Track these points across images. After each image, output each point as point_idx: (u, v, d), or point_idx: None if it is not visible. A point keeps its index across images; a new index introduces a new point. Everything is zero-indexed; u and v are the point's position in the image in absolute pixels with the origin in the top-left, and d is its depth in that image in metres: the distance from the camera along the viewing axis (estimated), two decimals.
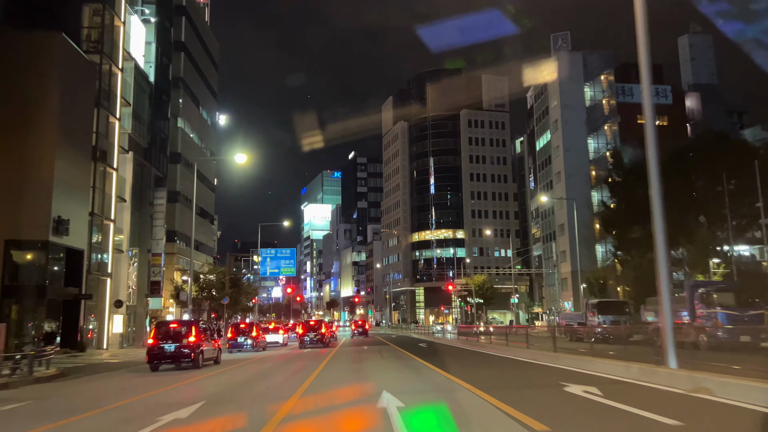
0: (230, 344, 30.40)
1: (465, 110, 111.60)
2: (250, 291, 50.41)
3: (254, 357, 27.08)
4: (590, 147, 64.84)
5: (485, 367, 17.55)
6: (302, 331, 32.82)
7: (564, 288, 65.05)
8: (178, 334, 21.50)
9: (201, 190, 56.12)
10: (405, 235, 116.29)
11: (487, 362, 19.75)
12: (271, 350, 33.29)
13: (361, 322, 55.48)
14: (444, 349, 27.16)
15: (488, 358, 21.27)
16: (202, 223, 54.82)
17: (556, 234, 66.10)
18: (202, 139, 56.67)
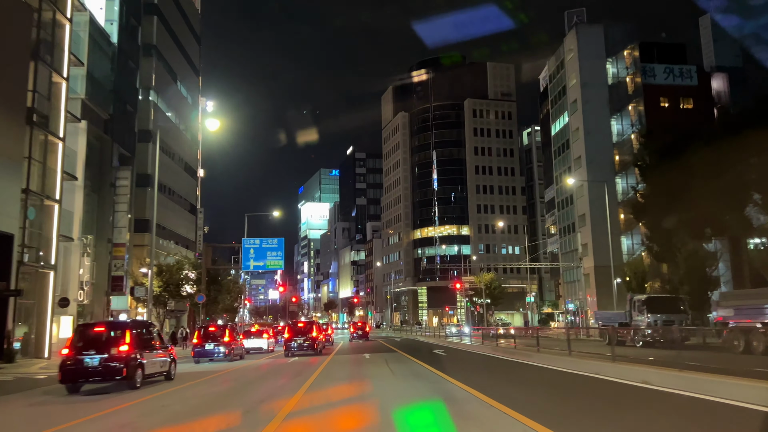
0: (196, 352, 24.13)
1: (469, 99, 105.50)
2: (234, 289, 44.17)
3: (223, 369, 20.83)
4: (613, 129, 58.63)
5: (562, 394, 11.32)
6: (288, 335, 26.56)
7: (587, 284, 58.77)
8: (105, 341, 15.34)
9: (181, 178, 49.84)
10: (406, 232, 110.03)
11: (551, 382, 13.53)
12: (251, 358, 27.05)
13: (361, 323, 49.24)
14: (471, 359, 20.97)
15: (545, 375, 15.03)
16: (180, 213, 48.53)
17: (575, 226, 59.83)
18: (181, 119, 50.40)
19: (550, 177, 70.61)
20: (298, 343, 26.36)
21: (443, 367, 17.06)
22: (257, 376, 18.13)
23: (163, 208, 44.47)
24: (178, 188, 48.69)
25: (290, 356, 26.48)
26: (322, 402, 11.18)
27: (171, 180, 46.47)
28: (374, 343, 39.28)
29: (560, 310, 68.26)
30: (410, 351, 26.44)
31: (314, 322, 27.43)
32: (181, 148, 49.97)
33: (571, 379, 13.74)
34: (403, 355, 23.79)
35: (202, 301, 34.82)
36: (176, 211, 47.64)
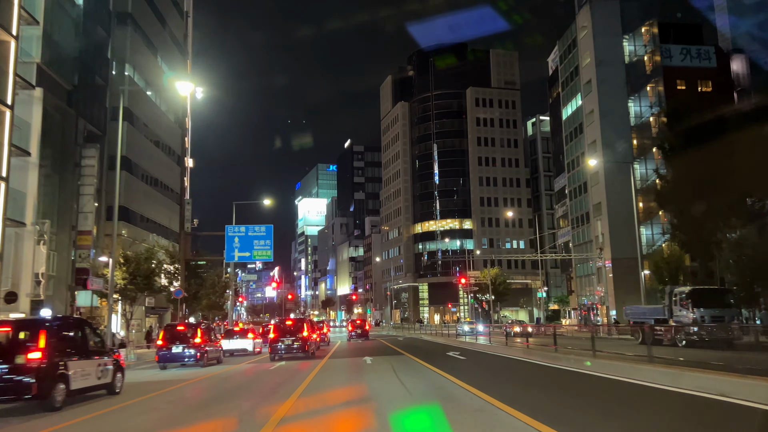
0: (160, 356, 19.95)
1: (471, 88, 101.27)
2: (219, 284, 39.91)
3: (188, 378, 16.70)
4: (631, 111, 54.50)
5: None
6: (274, 335, 22.35)
7: (602, 278, 54.66)
8: (9, 346, 11.38)
9: (164, 164, 45.62)
10: (407, 227, 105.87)
11: (639, 401, 9.37)
12: (231, 362, 22.91)
13: (360, 321, 45.10)
14: (503, 366, 16.82)
15: (620, 389, 10.87)
16: (162, 201, 44.29)
17: (590, 216, 55.70)
18: (164, 100, 46.11)
19: (560, 165, 66.46)
20: (285, 345, 22.20)
21: (472, 378, 12.88)
22: (223, 390, 13.94)
23: (142, 195, 40.28)
24: (160, 175, 44.46)
25: (276, 360, 22.33)
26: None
27: (151, 165, 42.25)
28: (375, 343, 35.14)
29: (572, 306, 64.13)
30: (420, 353, 22.25)
31: (305, 319, 23.26)
32: (163, 131, 45.71)
33: (648, 393, 9.56)
34: (412, 359, 19.61)
35: (179, 296, 30.62)
36: (157, 200, 43.42)
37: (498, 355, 19.90)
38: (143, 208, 40.22)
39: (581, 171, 58.56)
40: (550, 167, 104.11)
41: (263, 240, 32.15)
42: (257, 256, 32.18)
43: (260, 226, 32.40)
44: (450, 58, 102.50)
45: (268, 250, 32.19)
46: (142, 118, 40.84)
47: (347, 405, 10.59)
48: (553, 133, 72.36)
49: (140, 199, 39.65)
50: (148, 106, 42.42)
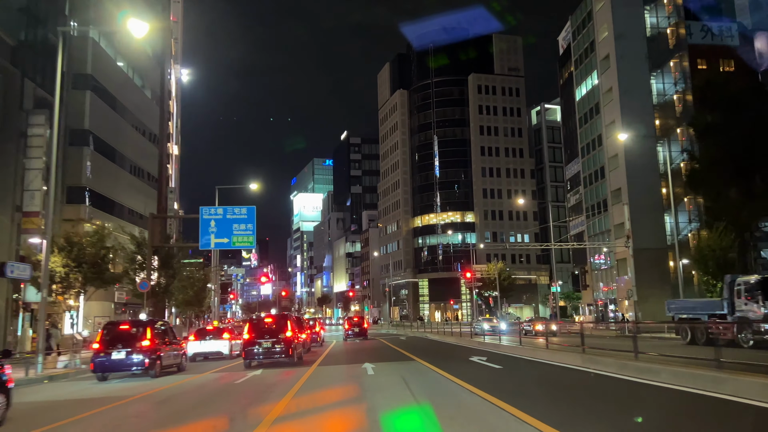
0: (96, 364, 15.22)
1: (474, 74, 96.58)
2: (197, 278, 34.98)
3: (122, 396, 12.04)
4: (653, 89, 49.88)
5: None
6: (249, 335, 17.60)
7: (621, 271, 50.09)
8: None
9: (138, 143, 40.78)
10: (406, 220, 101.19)
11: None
12: (197, 369, 18.26)
13: (357, 319, 40.46)
14: (559, 378, 12.05)
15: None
16: (134, 184, 39.45)
17: (608, 203, 51.07)
18: (137, 72, 41.24)
19: (573, 150, 61.80)
20: (263, 348, 17.48)
21: (532, 401, 8.17)
22: (153, 420, 9.24)
23: (109, 176, 35.48)
24: (133, 156, 39.67)
25: (252, 367, 17.64)
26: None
27: (120, 143, 37.44)
28: (375, 344, 30.47)
29: (585, 302, 59.54)
30: (435, 359, 17.54)
31: (288, 315, 18.52)
32: (137, 107, 40.87)
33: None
34: (428, 367, 14.88)
35: (145, 289, 25.87)
36: (130, 183, 38.64)
37: (539, 361, 15.19)
38: (111, 190, 35.45)
39: (597, 155, 53.93)
40: (555, 158, 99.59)
41: (244, 224, 27.39)
42: (238, 242, 27.41)
43: (240, 208, 27.63)
44: (451, 44, 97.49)
45: (249, 236, 27.41)
46: (111, 89, 36.01)
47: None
48: (564, 117, 67.69)
49: (107, 180, 34.87)
50: (117, 76, 37.59)
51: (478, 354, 18.08)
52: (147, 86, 43.88)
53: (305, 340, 24.72)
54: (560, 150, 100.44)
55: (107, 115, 35.32)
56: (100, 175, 34.36)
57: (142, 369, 15.34)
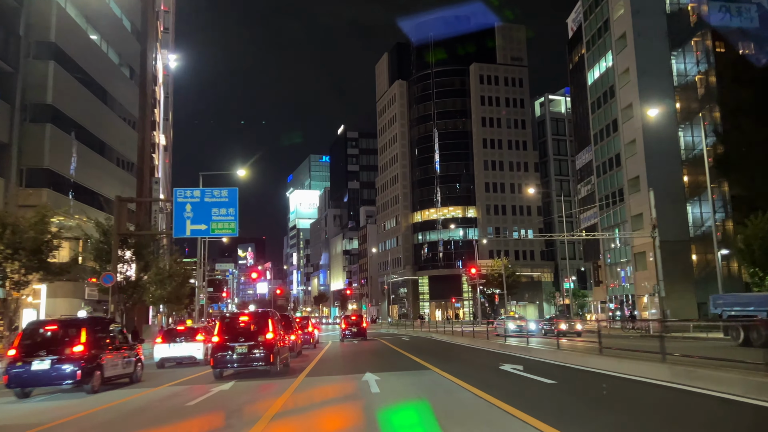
0: (11, 376, 11.53)
1: (475, 64, 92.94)
2: (175, 272, 31.09)
3: (32, 421, 8.35)
4: (673, 69, 46.30)
5: None
6: (218, 339, 13.90)
7: (639, 265, 46.56)
8: None
9: (111, 124, 36.97)
10: (405, 216, 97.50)
11: None
12: (157, 380, 14.65)
13: (355, 317, 36.82)
14: (638, 397, 8.35)
15: None
16: (106, 168, 35.67)
17: (624, 192, 47.46)
18: (113, 47, 37.44)
19: (583, 138, 58.17)
20: (238, 354, 13.80)
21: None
22: None
23: (78, 159, 31.71)
24: (108, 139, 35.90)
25: (222, 378, 13.99)
26: None
27: (93, 122, 33.66)
28: (377, 346, 26.84)
29: (597, 299, 55.95)
30: (456, 366, 13.88)
31: (270, 313, 14.66)
32: (114, 86, 37.06)
33: None
34: (453, 381, 11.17)
35: (109, 283, 22.20)
36: (103, 168, 34.86)
37: (600, 372, 11.48)
38: (81, 176, 31.68)
39: (612, 142, 50.33)
40: (560, 150, 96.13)
41: (225, 208, 23.71)
42: (217, 229, 23.70)
43: (220, 190, 23.93)
44: (452, 31, 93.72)
45: (231, 222, 23.72)
46: (80, 61, 32.24)
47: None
48: (573, 103, 64.04)
49: (77, 164, 31.10)
50: (87, 48, 33.80)
51: (510, 361, 14.39)
52: (125, 65, 40.10)
53: (295, 342, 21.08)
54: (565, 142, 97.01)
55: (76, 91, 31.56)
56: (66, 157, 30.60)
57: (72, 382, 11.66)
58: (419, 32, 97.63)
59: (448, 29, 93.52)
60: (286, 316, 21.88)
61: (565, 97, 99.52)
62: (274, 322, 14.51)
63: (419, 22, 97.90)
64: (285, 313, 25.17)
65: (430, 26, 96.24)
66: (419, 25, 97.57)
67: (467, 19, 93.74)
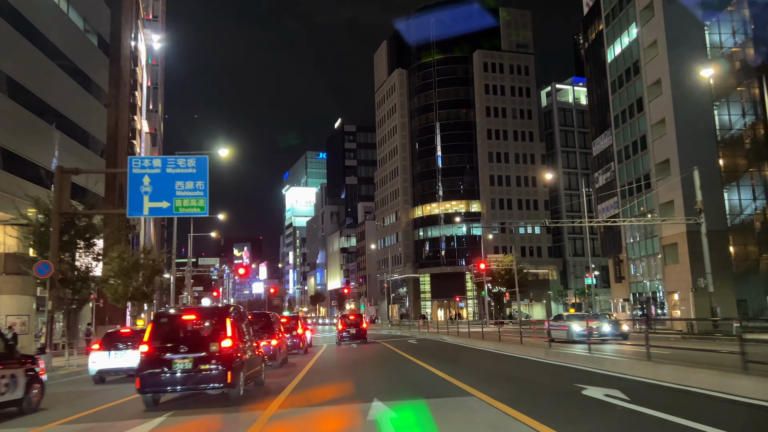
0: None
1: (479, 51, 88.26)
2: (143, 264, 26.04)
3: None
4: (706, 40, 41.66)
5: None
6: (149, 348, 9.19)
7: (669, 258, 41.92)
8: None
9: (70, 93, 32.14)
10: (405, 211, 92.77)
11: None
12: (61, 409, 9.84)
13: (354, 317, 32.13)
14: None
15: None
16: (66, 145, 30.86)
17: (651, 178, 42.80)
18: (74, 7, 32.59)
19: (601, 121, 53.50)
20: (180, 372, 9.05)
21: None
22: None
23: (21, 128, 26.94)
24: (69, 111, 31.13)
25: (156, 406, 9.29)
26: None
27: (45, 88, 28.88)
28: (381, 351, 22.15)
29: (619, 297, 51.29)
30: (514, 391, 9.18)
31: (228, 309, 9.84)
32: (75, 52, 32.22)
33: None
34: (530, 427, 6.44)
35: (44, 274, 17.52)
36: (60, 145, 30.03)
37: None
38: (24, 147, 26.88)
39: (637, 123, 45.68)
40: (568, 142, 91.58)
41: (192, 181, 18.99)
42: (183, 208, 18.96)
43: (186, 158, 19.18)
44: (454, 17, 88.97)
45: (200, 198, 18.98)
46: (27, 14, 27.44)
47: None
48: (590, 85, 59.31)
49: (17, 131, 26.33)
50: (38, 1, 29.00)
51: (593, 381, 9.68)
52: (92, 32, 35.29)
53: (277, 348, 16.35)
54: (573, 134, 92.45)
55: (21, 48, 26.76)
56: (11, 127, 25.83)
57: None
58: (420, 22, 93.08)
59: (451, 16, 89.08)
60: (265, 315, 17.18)
61: (573, 87, 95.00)
62: (236, 323, 9.77)
63: (420, 11, 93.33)
64: (265, 311, 20.39)
65: (432, 13, 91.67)
66: (420, 13, 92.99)
67: (470, 7, 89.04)
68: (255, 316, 16.89)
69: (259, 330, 16.20)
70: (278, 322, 18.60)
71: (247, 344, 10.34)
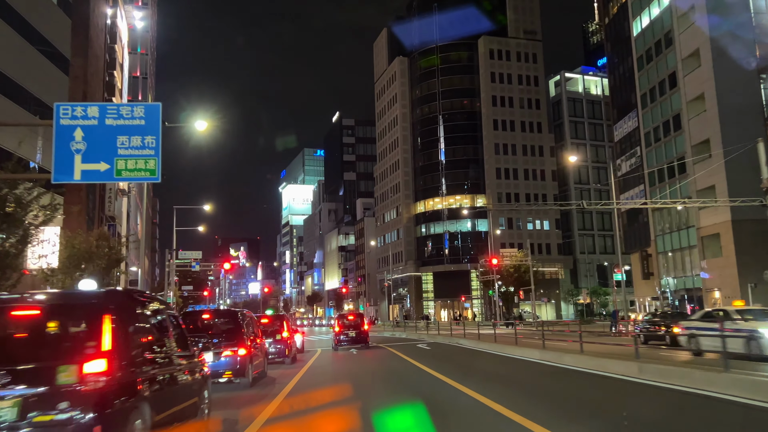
0: None
1: (485, 37, 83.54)
2: (95, 251, 20.82)
3: None
4: (750, 5, 37.00)
5: None
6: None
7: (709, 251, 37.20)
8: None
9: (22, 51, 27.34)
10: (407, 206, 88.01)
11: None
12: None
13: (353, 317, 27.37)
14: None
15: None
16: (10, 112, 26.00)
17: (686, 159, 38.06)
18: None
19: (624, 103, 48.79)
20: None
21: None
22: None
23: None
24: (23, 78, 26.35)
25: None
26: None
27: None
28: (390, 361, 17.39)
29: (644, 296, 46.54)
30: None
31: (101, 301, 5.18)
32: (26, 2, 27.45)
33: None
34: None
35: None
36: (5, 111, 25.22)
37: None
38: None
39: (669, 101, 40.99)
40: (578, 134, 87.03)
41: (139, 136, 14.17)
42: (127, 171, 14.16)
43: (130, 106, 14.42)
44: (459, 2, 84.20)
45: (150, 159, 14.19)
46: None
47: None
48: (611, 64, 54.59)
49: None
50: None
51: None
52: None
53: (245, 361, 11.52)
54: (583, 125, 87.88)
55: None
56: None
57: None
58: (423, 6, 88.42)
59: (455, 0, 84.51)
60: (232, 315, 12.39)
61: (583, 76, 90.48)
62: (119, 327, 4.91)
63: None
64: (233, 309, 15.57)
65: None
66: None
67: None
68: (215, 315, 12.19)
69: (222, 336, 11.47)
70: (254, 323, 13.79)
71: (160, 362, 5.56)
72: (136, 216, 65.16)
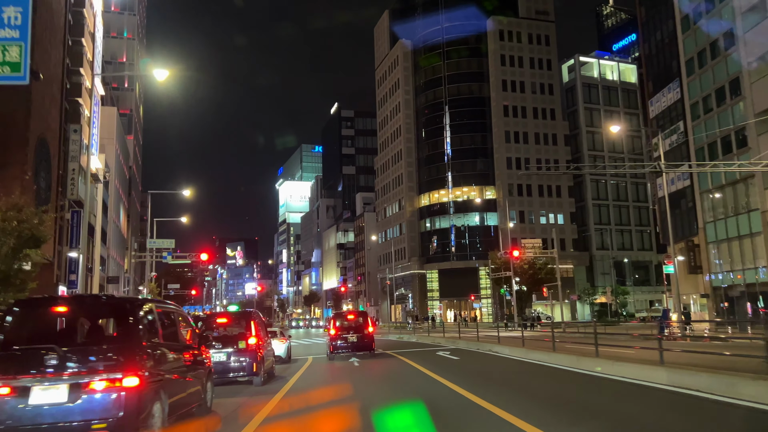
0: None
1: (494, 18, 77.52)
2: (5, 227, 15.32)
3: None
4: None
5: None
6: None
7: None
8: None
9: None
10: (410, 199, 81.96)
11: None
12: None
13: (353, 316, 21.39)
14: None
15: None
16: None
17: (747, 132, 32.07)
18: None
19: (662, 73, 42.80)
20: None
21: None
22: None
23: None
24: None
25: None
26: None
27: None
28: (416, 384, 11.36)
29: (691, 293, 40.46)
30: None
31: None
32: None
33: None
34: None
35: None
36: None
37: None
38: None
39: (723, 64, 34.97)
40: (593, 121, 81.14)
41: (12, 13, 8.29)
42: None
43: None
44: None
45: (13, 44, 8.37)
46: None
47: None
48: (645, 30, 48.55)
49: None
50: None
51: None
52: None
53: (132, 401, 5.43)
54: (599, 112, 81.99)
55: None
56: None
57: None
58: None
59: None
60: (124, 310, 6.41)
61: (599, 60, 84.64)
62: None
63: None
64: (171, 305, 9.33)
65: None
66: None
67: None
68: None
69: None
70: (180, 326, 7.73)
71: None
72: (118, 208, 59.21)
